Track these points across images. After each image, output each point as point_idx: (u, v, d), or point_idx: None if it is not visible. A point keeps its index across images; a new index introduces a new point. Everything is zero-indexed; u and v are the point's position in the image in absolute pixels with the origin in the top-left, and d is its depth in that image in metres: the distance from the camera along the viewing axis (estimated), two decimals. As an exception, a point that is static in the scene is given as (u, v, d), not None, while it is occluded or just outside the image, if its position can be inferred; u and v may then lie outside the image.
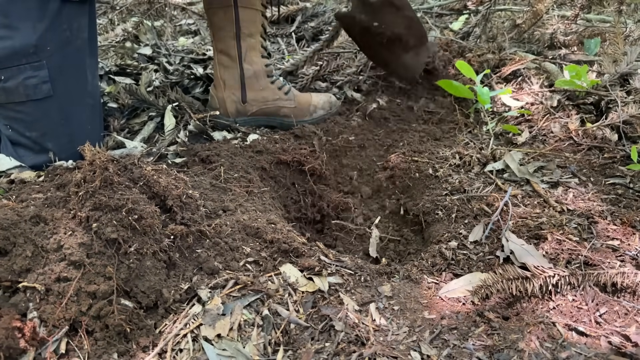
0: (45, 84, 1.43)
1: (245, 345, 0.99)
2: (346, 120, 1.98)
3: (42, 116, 1.47)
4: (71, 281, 1.01)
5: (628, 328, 1.06)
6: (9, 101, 1.43)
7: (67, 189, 1.16)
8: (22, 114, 1.45)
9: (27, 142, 1.49)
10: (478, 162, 1.73)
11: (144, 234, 1.09)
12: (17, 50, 1.38)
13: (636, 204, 1.44)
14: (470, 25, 2.66)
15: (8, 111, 1.46)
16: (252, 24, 1.83)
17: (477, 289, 1.13)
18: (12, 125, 1.48)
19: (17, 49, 1.38)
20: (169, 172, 1.27)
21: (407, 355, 0.97)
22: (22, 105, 1.44)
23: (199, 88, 2.16)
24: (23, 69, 1.40)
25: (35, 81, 1.42)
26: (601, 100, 1.91)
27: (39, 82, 1.42)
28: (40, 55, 1.41)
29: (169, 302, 1.06)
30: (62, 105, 1.49)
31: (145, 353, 0.98)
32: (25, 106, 1.44)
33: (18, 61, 1.39)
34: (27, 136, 1.48)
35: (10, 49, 1.38)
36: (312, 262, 1.19)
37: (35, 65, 1.41)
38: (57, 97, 1.47)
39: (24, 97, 1.42)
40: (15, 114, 1.46)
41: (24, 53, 1.39)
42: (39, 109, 1.46)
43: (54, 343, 0.95)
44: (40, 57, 1.41)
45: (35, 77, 1.42)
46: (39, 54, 1.41)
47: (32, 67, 1.41)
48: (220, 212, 1.30)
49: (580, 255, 1.24)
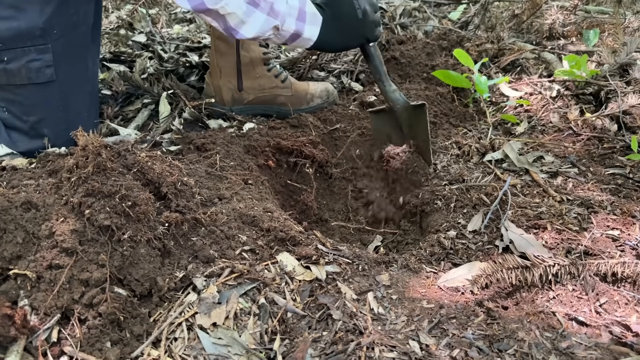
0: (48, 68, 1.41)
1: (242, 334, 0.98)
2: (343, 109, 1.96)
3: (42, 100, 1.45)
4: (63, 268, 0.98)
5: (628, 318, 1.05)
6: (9, 83, 1.40)
7: (59, 175, 1.13)
8: (21, 96, 1.43)
9: (23, 126, 1.46)
10: (477, 152, 1.71)
11: (138, 221, 1.06)
12: (23, 32, 1.36)
13: (636, 194, 1.43)
14: (469, 14, 2.64)
15: (7, 93, 1.43)
16: None
17: (476, 278, 1.11)
18: (9, 108, 1.45)
19: (23, 30, 1.36)
20: (163, 159, 1.24)
21: (406, 345, 0.96)
22: (22, 88, 1.41)
23: (194, 76, 2.13)
24: (27, 51, 1.38)
25: (39, 64, 1.40)
26: (600, 91, 1.89)
27: (42, 66, 1.40)
28: (47, 39, 1.39)
29: (163, 291, 1.04)
30: (63, 91, 1.46)
31: (139, 342, 0.96)
32: (26, 89, 1.42)
33: (23, 43, 1.37)
34: (23, 120, 1.45)
35: (16, 30, 1.35)
36: (309, 250, 1.17)
37: (40, 48, 1.39)
38: (59, 82, 1.44)
39: (25, 80, 1.40)
40: (14, 96, 1.43)
41: (29, 35, 1.37)
42: (39, 93, 1.43)
43: (46, 331, 0.93)
44: (47, 40, 1.39)
45: (39, 60, 1.40)
46: (46, 37, 1.38)
47: (37, 50, 1.39)
48: (216, 200, 1.28)
49: (580, 245, 1.23)
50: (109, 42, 2.41)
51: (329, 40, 1.49)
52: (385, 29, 2.56)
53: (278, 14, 1.35)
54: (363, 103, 1.98)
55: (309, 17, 1.42)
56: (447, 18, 2.75)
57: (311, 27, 1.43)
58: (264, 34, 1.36)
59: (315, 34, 1.45)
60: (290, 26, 1.39)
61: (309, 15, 1.43)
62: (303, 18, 1.41)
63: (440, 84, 2.08)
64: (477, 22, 2.57)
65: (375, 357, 0.93)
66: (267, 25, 1.34)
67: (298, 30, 1.41)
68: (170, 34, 2.57)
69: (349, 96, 2.09)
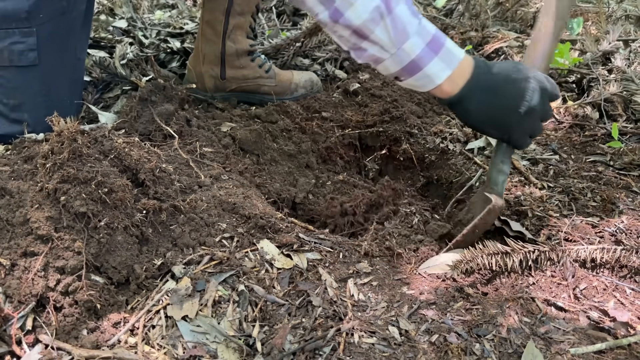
0: (31, 52, 1.38)
1: (220, 321, 0.97)
2: (327, 97, 1.95)
3: (23, 84, 1.41)
4: (38, 256, 0.97)
5: (606, 303, 1.06)
6: None
7: (35, 162, 1.11)
8: (2, 78, 1.40)
9: (2, 109, 1.43)
10: (458, 140, 1.71)
11: (115, 208, 1.05)
12: (8, 13, 1.33)
13: (616, 181, 1.44)
14: (453, 2, 2.63)
15: None
16: (245, 3, 1.77)
17: (456, 263, 1.11)
18: None
19: (8, 12, 1.33)
20: (141, 145, 1.22)
21: (385, 330, 0.96)
22: (4, 70, 1.38)
23: (175, 62, 2.10)
24: (11, 33, 1.35)
25: (22, 47, 1.37)
26: (583, 79, 1.90)
27: (25, 49, 1.37)
28: (32, 22, 1.36)
29: (141, 278, 1.03)
30: (46, 76, 1.43)
31: (116, 329, 0.95)
32: (7, 71, 1.39)
33: (7, 25, 1.34)
34: (3, 103, 1.42)
35: (1, 10, 1.32)
36: (290, 238, 1.16)
37: (25, 31, 1.35)
38: (42, 67, 1.41)
39: (7, 62, 1.37)
40: None
41: (14, 17, 1.34)
42: (21, 76, 1.40)
43: (20, 319, 0.92)
44: (32, 23, 1.36)
45: (23, 43, 1.36)
46: (31, 20, 1.35)
47: (21, 33, 1.35)
48: (196, 187, 1.27)
49: (560, 231, 1.24)
50: (89, 27, 2.37)
51: (472, 111, 1.16)
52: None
53: (392, 11, 1.05)
54: (347, 91, 1.97)
55: (443, 52, 1.10)
56: (431, 6, 2.74)
57: (441, 65, 1.10)
58: (372, 27, 1.06)
59: (444, 75, 1.11)
60: (413, 49, 1.08)
61: (446, 50, 1.11)
62: (436, 49, 1.10)
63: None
64: (462, 9, 2.57)
65: (355, 342, 0.92)
66: (376, 9, 1.04)
67: (422, 59, 1.09)
68: (151, 20, 2.53)
69: (333, 84, 2.08)
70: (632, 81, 1.77)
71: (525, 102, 1.12)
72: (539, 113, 1.15)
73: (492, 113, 1.15)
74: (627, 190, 1.39)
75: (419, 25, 1.08)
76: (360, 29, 1.07)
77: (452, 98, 1.14)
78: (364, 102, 1.90)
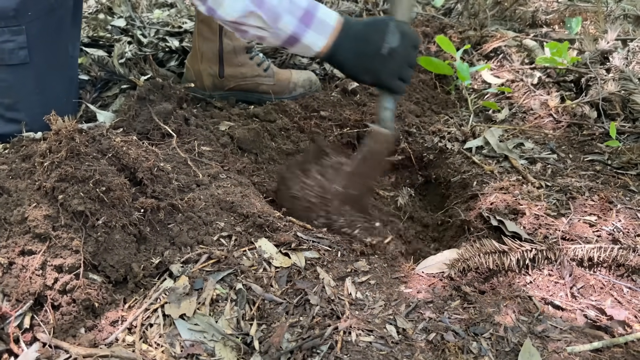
0: (22, 50, 1.38)
1: (218, 319, 0.97)
2: (325, 96, 1.94)
3: (16, 83, 1.41)
4: (36, 254, 0.97)
5: (603, 302, 1.06)
6: None
7: (33, 160, 1.11)
8: None
9: None
10: (457, 139, 1.71)
11: (113, 207, 1.05)
12: None
13: (614, 180, 1.44)
14: (452, 1, 2.62)
15: None
16: None
17: (453, 262, 1.11)
18: None
19: None
20: (139, 144, 1.22)
21: (383, 329, 0.96)
22: None
23: (174, 61, 2.10)
24: (0, 32, 1.34)
25: (12, 46, 1.37)
26: (581, 78, 1.90)
27: (15, 47, 1.37)
28: (20, 20, 1.35)
29: (139, 277, 1.03)
30: (39, 74, 1.43)
31: (114, 328, 0.95)
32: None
33: None
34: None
35: None
36: (288, 237, 1.16)
37: (14, 29, 1.35)
38: (34, 65, 1.41)
39: None
40: None
41: (2, 15, 1.34)
42: (13, 75, 1.40)
43: (18, 318, 0.92)
44: (20, 22, 1.36)
45: (13, 41, 1.36)
46: (19, 18, 1.35)
47: (11, 31, 1.35)
48: (194, 186, 1.27)
49: (557, 230, 1.24)
50: (88, 26, 2.36)
51: (343, 61, 1.29)
52: (369, 15, 2.55)
53: (263, 4, 1.19)
54: (345, 90, 1.97)
55: (315, 23, 1.24)
56: (430, 5, 2.74)
57: (315, 35, 1.24)
58: (244, 20, 1.21)
59: (320, 44, 1.25)
60: (288, 26, 1.22)
61: (317, 21, 1.24)
62: (308, 22, 1.23)
63: (422, 70, 2.07)
64: (460, 9, 2.57)
65: (352, 341, 0.93)
66: (245, 9, 1.19)
67: (296, 34, 1.23)
68: (150, 19, 2.53)
69: (331, 83, 2.08)
70: (630, 80, 1.77)
71: (386, 44, 1.24)
72: (402, 55, 1.26)
73: (360, 59, 1.28)
74: (625, 189, 1.39)
75: (290, 3, 1.21)
76: (234, 22, 1.22)
77: (326, 54, 1.27)
78: (362, 101, 1.90)
